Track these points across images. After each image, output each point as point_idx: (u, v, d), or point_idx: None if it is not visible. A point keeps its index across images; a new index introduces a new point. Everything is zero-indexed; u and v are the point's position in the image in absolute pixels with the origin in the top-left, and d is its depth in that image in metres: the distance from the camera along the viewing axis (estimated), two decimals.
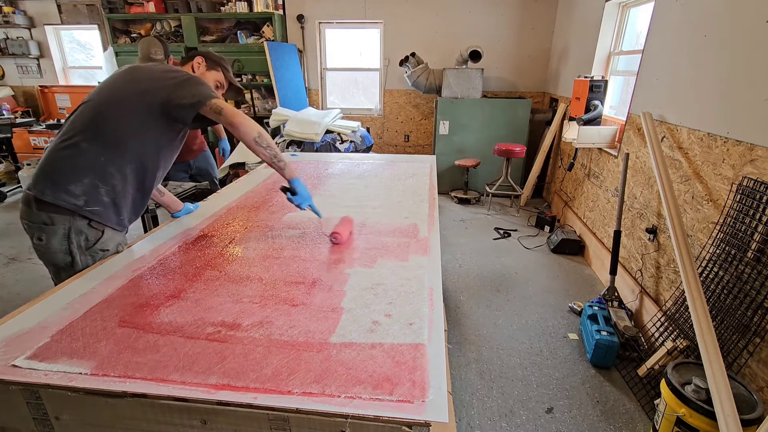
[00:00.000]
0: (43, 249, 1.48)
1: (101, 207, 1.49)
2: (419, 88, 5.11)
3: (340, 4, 5.35)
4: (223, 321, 1.11)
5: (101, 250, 1.53)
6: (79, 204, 1.44)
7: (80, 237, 1.48)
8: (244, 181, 2.47)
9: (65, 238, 1.47)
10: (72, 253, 1.49)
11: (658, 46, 2.65)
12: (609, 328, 2.27)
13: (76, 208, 1.44)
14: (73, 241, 1.48)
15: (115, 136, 1.48)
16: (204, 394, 0.86)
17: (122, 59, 5.52)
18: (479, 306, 2.82)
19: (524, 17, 5.16)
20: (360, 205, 2.03)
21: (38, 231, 1.46)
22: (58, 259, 1.49)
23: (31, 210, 1.45)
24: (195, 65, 1.72)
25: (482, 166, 5.05)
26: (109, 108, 1.49)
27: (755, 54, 1.80)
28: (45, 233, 1.46)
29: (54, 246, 1.47)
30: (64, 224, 1.45)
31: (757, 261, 1.67)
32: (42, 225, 1.45)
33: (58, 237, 1.46)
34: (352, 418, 0.81)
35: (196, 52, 1.75)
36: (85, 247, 1.50)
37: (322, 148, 4.42)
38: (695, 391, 1.55)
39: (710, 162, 2.05)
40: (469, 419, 1.92)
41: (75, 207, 1.44)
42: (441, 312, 1.17)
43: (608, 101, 3.63)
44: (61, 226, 1.45)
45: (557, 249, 3.62)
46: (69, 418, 0.92)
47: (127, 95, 1.51)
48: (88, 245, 1.51)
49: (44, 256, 1.51)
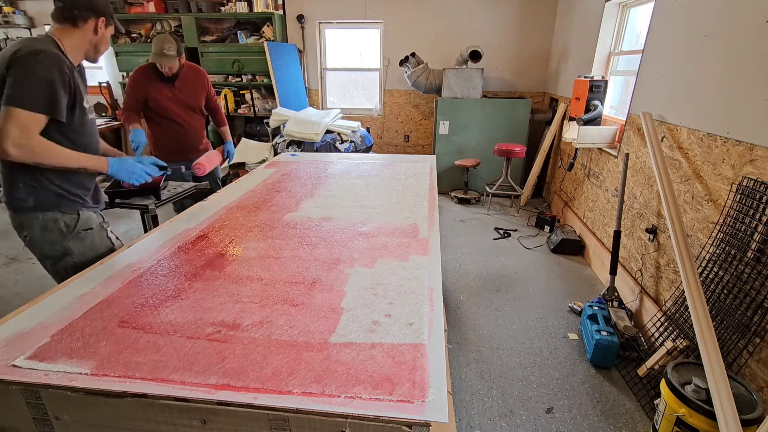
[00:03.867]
0: (32, 245, 1.58)
1: (55, 197, 1.54)
2: (419, 88, 5.11)
3: (340, 4, 5.35)
4: (223, 321, 1.11)
5: (85, 230, 1.61)
6: (31, 205, 1.52)
7: (58, 225, 1.56)
8: (244, 181, 2.47)
9: (44, 231, 1.54)
10: (56, 241, 1.56)
11: (658, 46, 2.65)
12: (609, 328, 2.27)
13: (34, 208, 1.52)
14: (53, 230, 1.55)
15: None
16: (204, 394, 0.86)
17: (122, 59, 5.52)
18: (479, 306, 2.82)
19: (524, 17, 5.16)
20: (360, 205, 2.03)
21: (20, 230, 1.56)
22: (48, 251, 1.58)
23: (11, 213, 1.55)
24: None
25: (482, 166, 5.05)
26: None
27: (755, 54, 1.80)
28: (26, 230, 1.55)
29: (38, 240, 1.56)
30: (36, 220, 1.53)
31: (757, 261, 1.67)
32: (20, 225, 1.55)
33: (37, 231, 1.54)
34: (352, 418, 0.82)
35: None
36: (68, 232, 1.57)
37: (322, 148, 4.43)
38: (695, 391, 1.55)
39: (710, 162, 2.05)
40: (469, 419, 1.92)
41: (31, 207, 1.52)
42: (441, 312, 1.17)
43: (608, 101, 3.63)
44: (35, 221, 1.53)
45: (557, 249, 3.62)
46: (69, 418, 0.93)
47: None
48: (70, 230, 1.58)
49: (36, 251, 1.59)
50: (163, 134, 2.86)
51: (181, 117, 2.84)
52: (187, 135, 2.88)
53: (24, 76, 1.37)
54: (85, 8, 1.50)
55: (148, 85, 2.72)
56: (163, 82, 2.75)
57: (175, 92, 2.78)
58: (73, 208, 1.58)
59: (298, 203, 2.06)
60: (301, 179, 2.49)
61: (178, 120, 2.83)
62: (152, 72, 2.73)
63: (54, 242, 1.55)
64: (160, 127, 2.83)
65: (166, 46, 2.57)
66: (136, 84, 2.72)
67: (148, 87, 2.72)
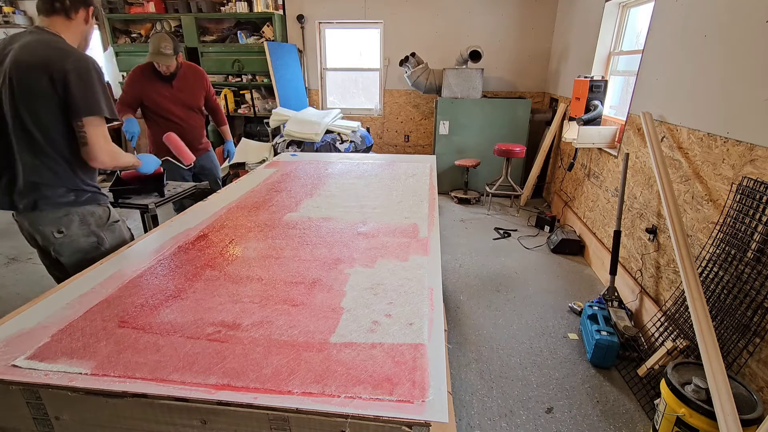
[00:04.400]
0: (67, 240, 1.61)
1: (90, 193, 1.65)
2: (419, 88, 5.11)
3: (340, 4, 5.35)
4: (223, 321, 1.11)
5: (114, 222, 1.74)
6: (71, 199, 1.59)
7: (95, 217, 1.67)
8: (244, 181, 2.47)
9: (82, 223, 1.63)
10: (94, 233, 1.66)
11: (658, 46, 2.65)
12: (609, 328, 2.27)
13: (73, 203, 1.60)
14: (90, 222, 1.65)
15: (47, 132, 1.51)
16: (204, 394, 0.86)
17: (122, 59, 5.52)
18: (479, 306, 2.82)
19: (524, 17, 5.16)
20: (360, 205, 2.03)
21: (55, 226, 1.59)
22: (84, 244, 1.65)
23: (39, 213, 1.57)
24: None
25: (482, 166, 5.05)
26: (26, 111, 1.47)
27: (755, 54, 1.80)
28: (62, 225, 1.59)
29: (75, 233, 1.62)
30: (75, 215, 1.61)
31: (757, 261, 1.67)
32: (57, 220, 1.58)
33: (75, 225, 1.62)
34: (352, 418, 0.81)
35: None
36: (102, 223, 1.70)
37: (322, 148, 4.43)
38: (695, 391, 1.55)
39: (710, 162, 2.05)
40: (469, 419, 1.92)
41: (71, 202, 1.59)
42: (441, 312, 1.17)
43: (608, 101, 3.63)
44: (75, 216, 1.60)
45: (557, 249, 3.62)
46: (69, 418, 0.93)
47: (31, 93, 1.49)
48: (104, 221, 1.71)
49: (70, 246, 1.63)
50: (161, 133, 2.85)
51: (180, 116, 2.84)
52: (185, 134, 2.87)
53: (92, 85, 1.47)
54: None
55: (146, 83, 2.73)
56: (162, 81, 2.75)
57: (173, 91, 2.79)
58: (104, 202, 1.72)
59: (298, 203, 2.06)
60: (301, 179, 2.49)
61: (176, 119, 2.83)
62: (150, 71, 2.73)
63: (90, 234, 1.65)
64: (159, 126, 2.83)
65: (163, 44, 2.58)
66: (133, 82, 2.73)
67: (145, 86, 2.73)
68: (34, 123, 1.45)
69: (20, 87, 1.42)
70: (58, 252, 1.63)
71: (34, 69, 1.40)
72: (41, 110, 1.45)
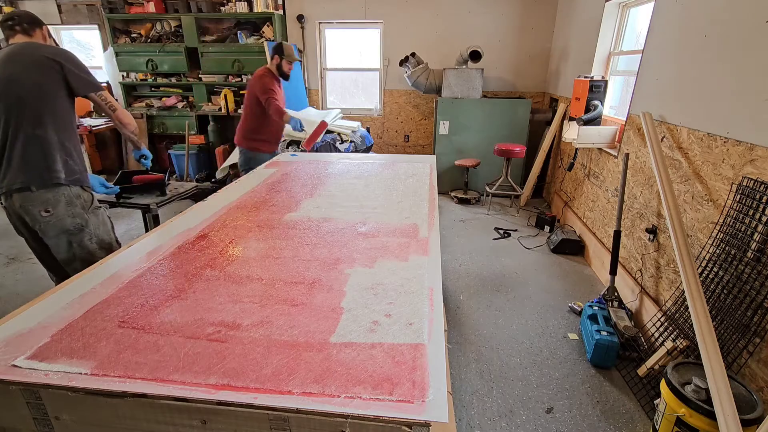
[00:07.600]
0: (53, 219, 1.75)
1: (77, 173, 1.80)
2: (419, 88, 5.11)
3: (340, 4, 5.35)
4: (223, 321, 1.11)
5: (97, 207, 1.90)
6: (63, 176, 1.73)
7: (80, 199, 1.81)
8: (244, 181, 2.47)
9: (68, 205, 1.76)
10: (79, 215, 1.80)
11: (658, 46, 2.65)
12: (609, 328, 2.27)
13: (64, 181, 1.74)
14: (76, 204, 1.79)
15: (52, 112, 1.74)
16: (204, 394, 0.86)
17: (122, 59, 5.51)
18: (479, 306, 2.82)
19: (524, 17, 5.16)
20: (360, 205, 2.03)
21: (42, 205, 1.72)
22: (68, 224, 1.77)
23: (30, 194, 1.70)
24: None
25: (482, 166, 5.04)
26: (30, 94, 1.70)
27: (755, 54, 1.80)
28: (50, 205, 1.73)
29: (62, 213, 1.75)
30: (63, 195, 1.74)
31: (757, 261, 1.67)
32: (45, 201, 1.71)
33: (62, 206, 1.74)
34: (352, 418, 0.82)
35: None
36: (87, 206, 1.83)
37: (322, 148, 4.43)
38: (695, 391, 1.55)
39: (710, 162, 2.05)
40: (469, 419, 1.92)
41: (62, 180, 1.73)
42: (441, 312, 1.17)
43: (608, 101, 3.62)
44: (62, 196, 1.75)
45: (557, 249, 3.62)
46: (69, 418, 0.93)
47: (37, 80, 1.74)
48: (88, 205, 1.85)
49: (55, 226, 1.76)
50: (276, 127, 3.41)
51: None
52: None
53: (82, 65, 1.78)
54: (28, 22, 1.79)
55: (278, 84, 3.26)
56: (279, 83, 3.28)
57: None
58: (88, 185, 1.86)
59: (298, 203, 2.06)
60: (301, 179, 2.49)
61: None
62: (272, 74, 3.24)
63: (76, 215, 1.79)
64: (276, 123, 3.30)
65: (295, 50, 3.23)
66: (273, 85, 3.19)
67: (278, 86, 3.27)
68: (29, 105, 1.65)
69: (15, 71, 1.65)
70: (44, 232, 1.76)
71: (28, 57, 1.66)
72: (37, 92, 1.66)
